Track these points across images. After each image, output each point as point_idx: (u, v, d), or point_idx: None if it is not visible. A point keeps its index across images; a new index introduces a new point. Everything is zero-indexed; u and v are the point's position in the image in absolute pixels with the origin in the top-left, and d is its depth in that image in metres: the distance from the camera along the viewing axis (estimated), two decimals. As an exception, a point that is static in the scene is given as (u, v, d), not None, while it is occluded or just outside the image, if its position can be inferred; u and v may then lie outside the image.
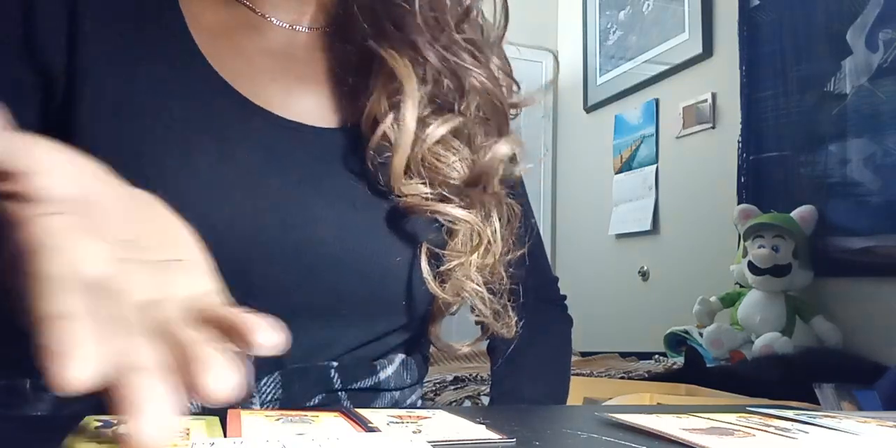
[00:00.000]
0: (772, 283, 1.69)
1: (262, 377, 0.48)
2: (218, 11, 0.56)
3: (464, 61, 0.55)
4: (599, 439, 0.36)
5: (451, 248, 0.54)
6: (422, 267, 0.52)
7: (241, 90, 0.52)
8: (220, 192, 0.48)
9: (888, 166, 1.59)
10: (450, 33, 0.55)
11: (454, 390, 1.39)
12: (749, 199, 1.92)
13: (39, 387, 0.48)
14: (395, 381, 0.56)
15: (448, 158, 0.54)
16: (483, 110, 0.57)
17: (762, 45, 1.95)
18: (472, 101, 0.56)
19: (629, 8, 2.61)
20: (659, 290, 2.34)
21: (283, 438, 0.30)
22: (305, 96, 0.56)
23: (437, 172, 0.54)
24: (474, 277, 0.54)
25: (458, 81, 0.55)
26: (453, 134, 0.55)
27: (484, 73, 0.56)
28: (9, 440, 0.32)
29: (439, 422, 0.38)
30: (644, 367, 1.70)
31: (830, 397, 1.12)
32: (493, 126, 0.58)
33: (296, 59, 0.57)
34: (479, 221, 0.54)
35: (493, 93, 0.57)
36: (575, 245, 2.83)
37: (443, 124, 0.54)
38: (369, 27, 0.55)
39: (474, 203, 0.55)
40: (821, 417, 0.43)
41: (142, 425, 0.22)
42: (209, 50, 0.53)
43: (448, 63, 0.55)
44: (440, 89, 0.55)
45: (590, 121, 2.84)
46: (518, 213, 0.60)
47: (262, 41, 0.56)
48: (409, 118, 0.52)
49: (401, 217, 0.53)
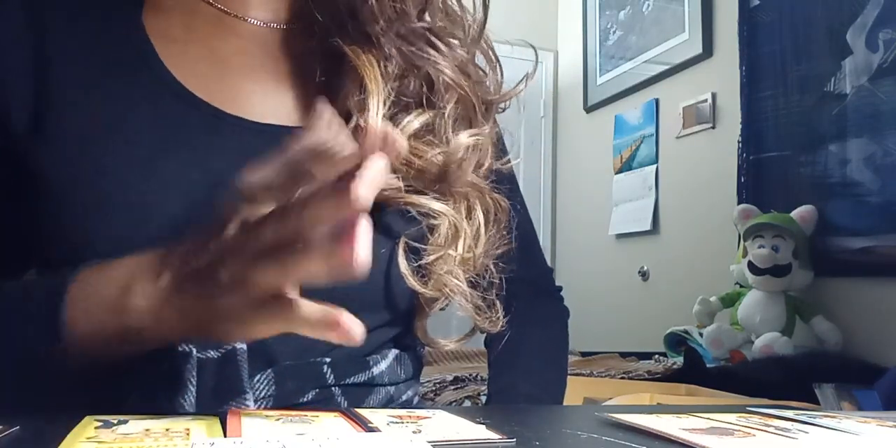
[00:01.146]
0: (772, 283, 1.69)
1: (255, 374, 0.48)
2: (186, 18, 0.55)
3: (426, 53, 0.54)
4: (599, 439, 0.36)
5: (431, 243, 0.53)
6: (399, 262, 0.52)
7: (209, 99, 0.52)
8: (189, 197, 0.48)
9: (888, 166, 1.59)
10: (410, 24, 0.54)
11: (454, 390, 1.39)
12: (749, 199, 1.92)
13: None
14: (389, 376, 0.56)
15: (426, 152, 0.53)
16: (455, 103, 0.56)
17: (762, 45, 1.95)
18: (442, 94, 0.55)
19: (629, 8, 2.61)
20: (659, 290, 2.34)
21: (283, 438, 0.30)
22: (280, 95, 0.55)
23: (411, 167, 0.53)
24: (456, 273, 0.53)
25: (423, 75, 0.54)
26: (426, 129, 0.55)
27: (449, 65, 0.55)
28: (9, 440, 0.32)
29: (439, 422, 0.38)
30: (644, 367, 1.69)
31: (830, 397, 1.12)
32: (465, 119, 0.57)
33: (272, 58, 0.57)
34: (455, 214, 0.53)
35: (460, 85, 0.55)
36: (575, 245, 2.83)
37: (413, 120, 0.53)
38: (331, 22, 0.54)
39: (451, 196, 0.54)
40: (821, 417, 0.43)
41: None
42: (176, 61, 0.53)
43: (409, 56, 0.54)
44: (407, 85, 0.54)
45: (590, 121, 2.84)
46: (505, 207, 0.59)
47: (237, 41, 0.56)
48: (373, 117, 0.51)
49: (377, 211, 0.53)
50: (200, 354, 0.46)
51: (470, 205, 0.56)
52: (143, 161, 0.49)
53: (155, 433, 0.32)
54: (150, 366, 0.45)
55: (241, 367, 0.47)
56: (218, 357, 0.47)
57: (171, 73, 0.52)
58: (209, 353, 0.47)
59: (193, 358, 0.46)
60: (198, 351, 0.46)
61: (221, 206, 0.48)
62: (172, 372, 0.45)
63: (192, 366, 0.46)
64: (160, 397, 0.45)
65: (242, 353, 0.47)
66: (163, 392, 0.45)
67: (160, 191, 0.48)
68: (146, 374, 0.45)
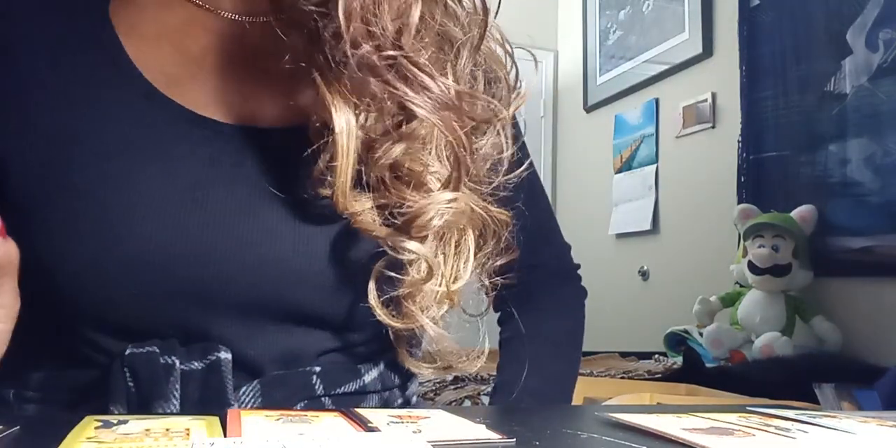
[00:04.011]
0: (772, 283, 1.69)
1: (241, 386, 0.47)
2: (158, 16, 0.52)
3: (396, 88, 0.46)
4: (599, 439, 0.36)
5: (405, 275, 0.49)
6: (370, 295, 0.48)
7: (182, 101, 0.50)
8: (163, 212, 0.46)
9: (888, 166, 1.59)
10: (382, 51, 0.46)
11: (454, 390, 1.39)
12: (749, 198, 1.92)
13: (22, 397, 0.49)
14: (383, 382, 0.55)
15: (416, 175, 0.49)
16: (435, 136, 0.50)
17: (762, 45, 1.95)
18: (418, 128, 0.49)
19: (629, 8, 2.61)
20: (659, 290, 2.34)
21: (283, 438, 0.30)
22: (256, 94, 0.52)
23: (398, 191, 0.48)
24: (430, 309, 0.50)
25: (400, 106, 0.48)
26: (420, 150, 0.49)
27: (423, 101, 0.47)
28: (9, 440, 0.31)
29: (439, 422, 0.38)
30: (644, 367, 1.69)
31: (830, 397, 1.12)
32: (448, 147, 0.50)
33: (245, 54, 0.53)
34: (430, 254, 0.48)
35: (437, 124, 0.48)
36: (575, 245, 2.80)
37: (393, 147, 0.48)
38: (299, 40, 0.47)
39: (433, 233, 0.49)
40: (821, 417, 0.43)
41: None
42: (147, 60, 0.50)
43: (378, 90, 0.47)
44: (384, 113, 0.48)
45: (590, 121, 2.84)
46: (506, 220, 0.55)
47: (211, 38, 0.52)
48: (342, 148, 0.45)
49: (353, 236, 0.50)
50: (184, 366, 0.46)
51: (462, 232, 0.51)
52: (114, 178, 0.46)
53: (155, 433, 0.32)
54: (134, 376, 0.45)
55: (226, 378, 0.46)
56: (202, 368, 0.46)
57: (142, 73, 0.50)
58: (193, 364, 0.46)
59: (177, 370, 0.45)
60: (181, 362, 0.45)
61: (194, 225, 0.46)
62: (155, 384, 0.45)
63: (175, 378, 0.45)
64: (143, 411, 0.44)
65: (227, 363, 0.46)
66: (145, 405, 0.45)
67: (129, 210, 0.46)
68: (128, 387, 0.45)
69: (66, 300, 0.46)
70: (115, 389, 0.45)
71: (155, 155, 0.48)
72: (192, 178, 0.48)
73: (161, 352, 0.46)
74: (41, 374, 0.49)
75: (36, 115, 0.48)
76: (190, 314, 0.47)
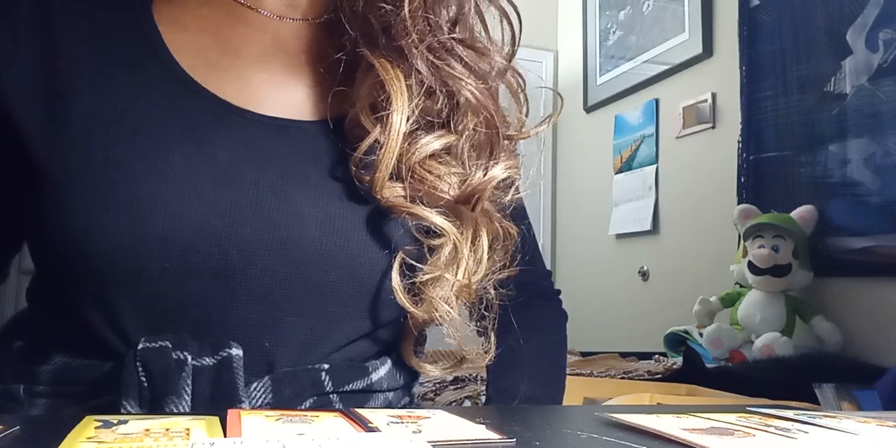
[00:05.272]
0: (772, 283, 1.69)
1: (252, 382, 0.48)
2: (198, 7, 0.55)
3: (455, 69, 0.53)
4: (599, 439, 0.36)
5: (430, 263, 0.51)
6: (393, 276, 0.50)
7: (217, 90, 0.52)
8: (194, 190, 0.47)
9: (888, 166, 1.59)
10: (441, 38, 0.52)
11: (454, 390, 1.39)
12: (749, 199, 1.92)
13: (32, 392, 0.49)
14: (388, 381, 0.55)
15: (439, 170, 0.53)
16: (477, 129, 0.55)
17: (762, 45, 1.95)
18: (466, 116, 0.54)
19: (629, 8, 2.61)
20: (659, 290, 2.34)
21: (283, 438, 0.30)
22: (290, 88, 0.55)
23: (423, 183, 0.52)
24: (450, 300, 0.52)
25: (449, 94, 0.53)
26: (445, 150, 0.54)
27: (476, 86, 0.53)
28: (9, 440, 0.32)
29: (439, 422, 0.38)
30: (644, 367, 1.69)
31: (830, 397, 1.12)
32: (486, 146, 0.55)
33: (284, 50, 0.56)
34: (459, 236, 0.52)
35: (486, 107, 0.54)
36: (575, 245, 2.83)
37: (434, 141, 0.52)
38: (359, 30, 0.53)
39: (460, 219, 0.53)
40: (821, 417, 0.43)
41: None
42: (185, 50, 0.53)
43: (438, 71, 0.52)
44: (433, 103, 0.53)
45: (590, 121, 2.84)
46: (514, 234, 0.58)
47: (249, 32, 0.55)
48: (395, 133, 0.50)
49: (383, 214, 0.52)
50: (196, 362, 0.46)
51: (477, 231, 0.54)
52: (149, 153, 0.48)
53: (155, 433, 0.32)
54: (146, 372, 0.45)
55: (237, 374, 0.46)
56: (213, 364, 0.46)
57: (179, 62, 0.52)
58: (205, 360, 0.46)
59: (189, 366, 0.45)
60: (193, 358, 0.46)
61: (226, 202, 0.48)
62: (167, 380, 0.45)
63: (187, 374, 0.45)
64: (155, 406, 0.45)
65: (238, 359, 0.46)
66: (157, 400, 0.45)
67: (163, 184, 0.47)
68: (140, 382, 0.45)
69: (94, 274, 0.47)
70: (128, 385, 0.45)
71: (191, 136, 0.50)
72: (225, 158, 0.49)
73: (173, 347, 0.46)
74: (52, 368, 0.49)
75: (75, 94, 0.49)
76: (210, 297, 0.48)
